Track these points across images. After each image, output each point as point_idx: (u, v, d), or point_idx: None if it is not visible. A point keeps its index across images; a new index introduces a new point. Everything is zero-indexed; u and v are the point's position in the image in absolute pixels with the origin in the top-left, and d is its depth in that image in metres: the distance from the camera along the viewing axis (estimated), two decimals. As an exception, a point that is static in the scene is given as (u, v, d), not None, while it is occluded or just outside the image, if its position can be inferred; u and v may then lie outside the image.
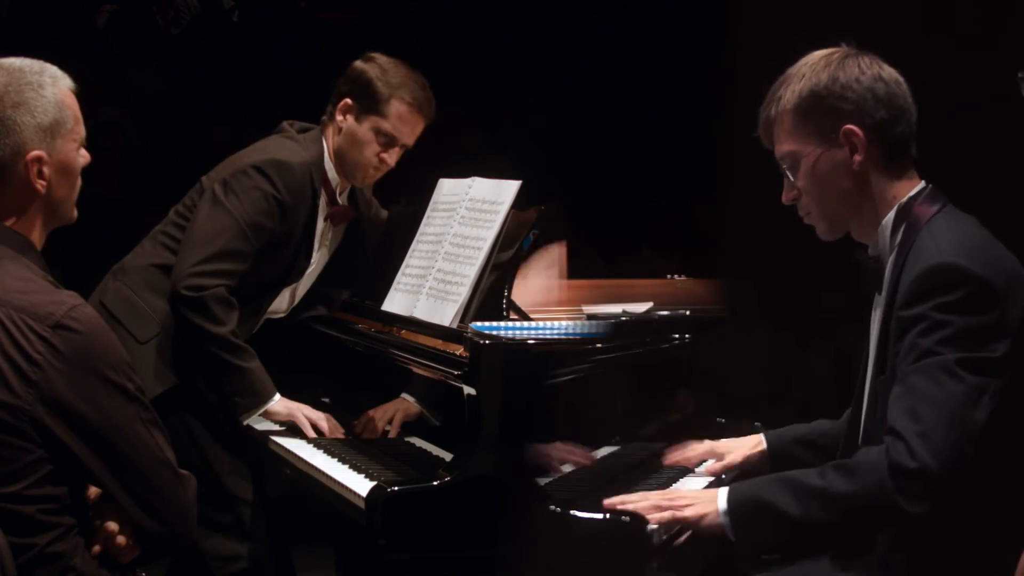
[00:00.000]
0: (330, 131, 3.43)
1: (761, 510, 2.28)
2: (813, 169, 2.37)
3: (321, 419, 3.21)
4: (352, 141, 3.39)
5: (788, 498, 2.24)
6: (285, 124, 3.52)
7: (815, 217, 2.44)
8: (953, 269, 2.19)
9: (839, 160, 2.35)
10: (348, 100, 3.39)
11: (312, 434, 3.18)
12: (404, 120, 3.37)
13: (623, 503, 2.44)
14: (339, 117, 3.41)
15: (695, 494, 2.44)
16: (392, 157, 3.41)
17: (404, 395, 3.13)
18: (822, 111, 2.34)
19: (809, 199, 2.42)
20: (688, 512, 2.36)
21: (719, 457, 2.86)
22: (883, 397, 2.26)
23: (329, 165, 3.43)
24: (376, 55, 3.45)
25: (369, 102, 3.36)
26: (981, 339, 2.16)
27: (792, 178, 2.42)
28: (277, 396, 3.25)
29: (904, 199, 2.36)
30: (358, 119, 3.38)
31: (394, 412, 3.13)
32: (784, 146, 2.41)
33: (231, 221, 3.24)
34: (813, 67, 2.37)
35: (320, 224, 3.45)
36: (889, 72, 2.37)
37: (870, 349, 2.43)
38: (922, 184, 2.38)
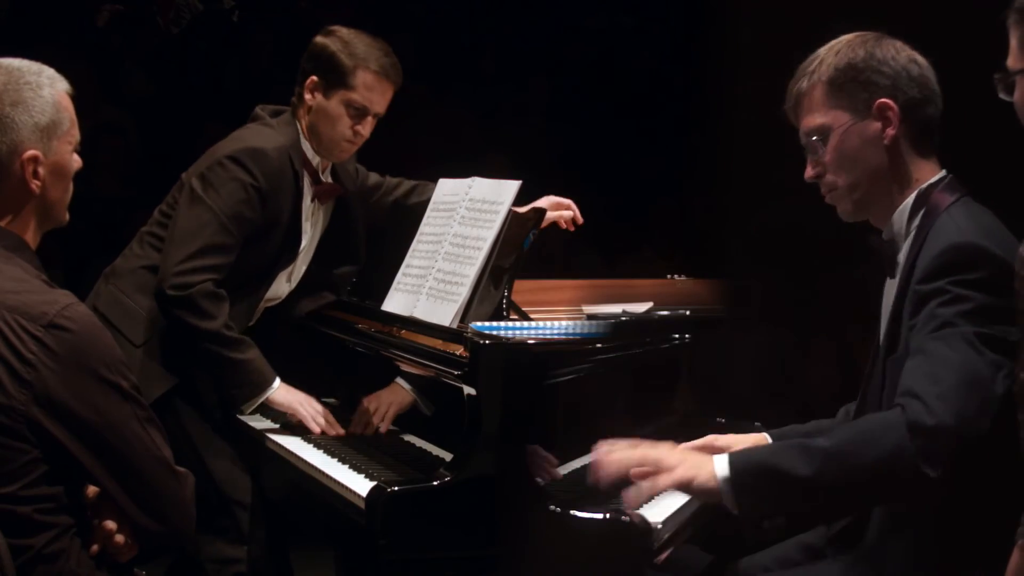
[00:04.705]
0: (301, 111, 3.42)
1: (768, 475, 2.17)
2: (843, 141, 2.37)
3: (320, 413, 3.22)
4: (324, 118, 3.37)
5: (797, 461, 2.13)
6: (258, 109, 3.51)
7: (839, 195, 2.43)
8: (975, 248, 2.19)
9: (870, 133, 2.36)
10: (314, 77, 3.37)
11: (315, 428, 3.18)
12: (372, 89, 3.35)
13: (609, 451, 2.33)
14: (307, 96, 3.39)
15: (682, 455, 2.30)
16: (366, 128, 3.39)
17: (398, 380, 3.12)
18: (858, 84, 2.35)
19: (835, 175, 2.41)
20: (677, 475, 2.23)
21: (718, 451, 2.81)
22: (894, 376, 2.24)
23: (306, 145, 3.42)
24: (336, 28, 3.44)
25: (335, 76, 3.34)
26: (999, 319, 2.14)
27: (819, 153, 2.40)
28: (277, 383, 3.24)
29: (924, 185, 2.36)
30: (326, 95, 3.36)
31: (388, 404, 3.12)
32: (814, 119, 2.40)
33: (211, 216, 3.23)
34: (848, 43, 2.39)
35: (307, 205, 3.44)
36: (921, 58, 2.39)
37: (881, 332, 2.42)
38: (943, 172, 2.39)
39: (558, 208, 3.53)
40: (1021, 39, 1.98)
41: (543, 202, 3.48)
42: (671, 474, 2.24)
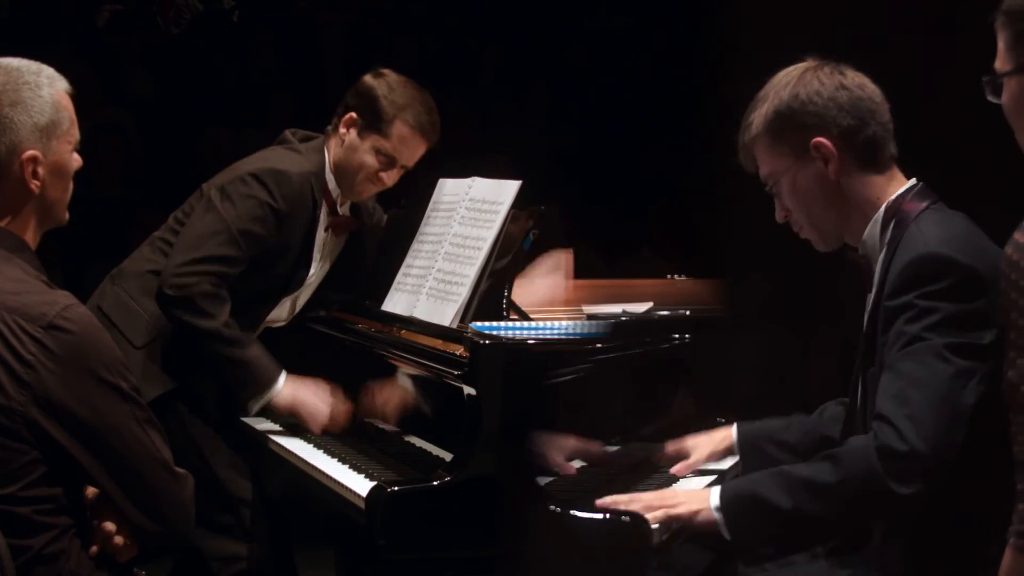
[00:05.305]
0: (333, 143, 3.42)
1: (754, 505, 2.28)
2: (793, 185, 2.44)
3: (322, 416, 3.21)
4: (352, 156, 3.38)
5: (779, 492, 2.24)
6: (288, 133, 3.51)
7: (808, 231, 2.49)
8: (939, 258, 2.21)
9: (815, 173, 2.40)
10: (353, 114, 3.38)
11: (316, 430, 3.18)
12: (405, 143, 3.36)
13: (615, 503, 2.44)
14: (342, 130, 3.39)
15: (687, 493, 2.45)
16: (390, 177, 3.40)
17: (399, 375, 3.12)
18: (790, 129, 2.40)
19: (799, 215, 2.47)
20: (680, 510, 2.37)
21: (685, 454, 2.87)
22: (873, 390, 2.27)
23: (330, 176, 3.42)
24: (387, 72, 3.43)
25: (373, 120, 3.34)
26: (968, 326, 2.17)
27: (780, 196, 2.47)
28: (282, 380, 3.24)
29: (892, 197, 2.39)
30: (360, 135, 3.37)
31: (392, 392, 3.12)
32: (764, 168, 2.48)
33: (222, 227, 3.24)
34: (776, 87, 2.44)
35: (320, 234, 3.44)
36: (852, 78, 2.41)
37: (862, 344, 2.44)
38: (911, 182, 2.41)
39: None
40: (1008, 41, 1.98)
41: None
42: (675, 510, 2.37)
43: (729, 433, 2.84)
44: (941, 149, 2.51)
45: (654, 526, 2.42)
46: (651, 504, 2.42)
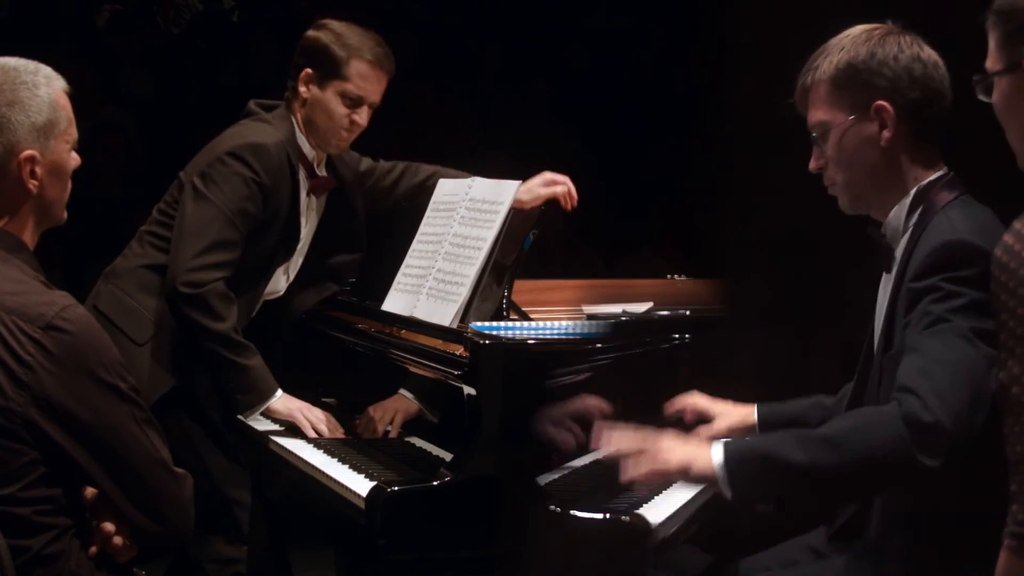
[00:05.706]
0: (296, 105, 3.42)
1: (763, 461, 2.19)
2: (841, 140, 2.40)
3: (321, 420, 3.20)
4: (319, 109, 3.38)
5: (793, 447, 2.16)
6: (252, 105, 3.51)
7: (839, 188, 2.46)
8: (966, 246, 2.20)
9: (868, 134, 2.38)
10: (308, 70, 3.38)
11: (312, 435, 3.18)
12: (366, 79, 3.37)
13: (609, 440, 2.33)
14: (302, 89, 3.40)
15: (680, 443, 2.29)
16: (362, 117, 3.40)
17: (402, 391, 3.12)
18: (857, 84, 2.37)
19: (835, 170, 2.44)
20: (675, 461, 2.24)
21: (709, 418, 2.81)
22: (890, 373, 2.25)
23: (302, 139, 3.42)
24: (327, 21, 3.45)
25: (329, 67, 3.35)
26: (992, 314, 2.15)
27: (822, 146, 2.44)
28: (279, 393, 3.23)
29: (924, 182, 2.38)
30: (321, 86, 3.37)
31: (394, 412, 3.13)
32: (817, 114, 2.44)
33: (216, 211, 3.23)
34: (854, 40, 2.40)
35: (303, 199, 3.44)
36: (929, 54, 2.38)
37: (876, 327, 2.43)
38: (943, 170, 2.40)
39: (552, 184, 3.53)
40: (999, 40, 1.99)
41: (537, 180, 3.47)
42: (669, 460, 2.26)
43: (751, 411, 2.79)
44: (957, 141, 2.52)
45: (656, 524, 2.41)
46: (645, 443, 2.28)
